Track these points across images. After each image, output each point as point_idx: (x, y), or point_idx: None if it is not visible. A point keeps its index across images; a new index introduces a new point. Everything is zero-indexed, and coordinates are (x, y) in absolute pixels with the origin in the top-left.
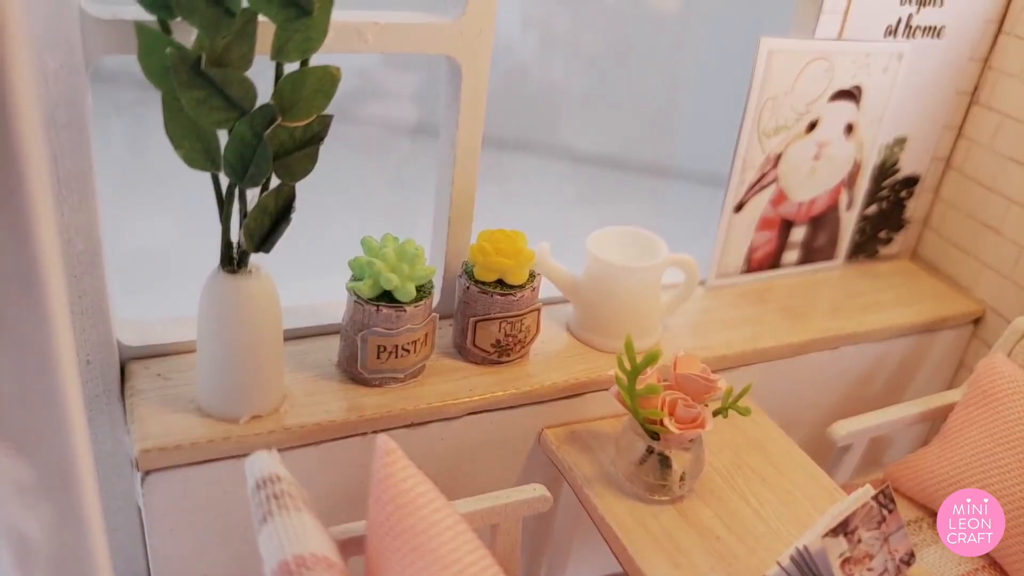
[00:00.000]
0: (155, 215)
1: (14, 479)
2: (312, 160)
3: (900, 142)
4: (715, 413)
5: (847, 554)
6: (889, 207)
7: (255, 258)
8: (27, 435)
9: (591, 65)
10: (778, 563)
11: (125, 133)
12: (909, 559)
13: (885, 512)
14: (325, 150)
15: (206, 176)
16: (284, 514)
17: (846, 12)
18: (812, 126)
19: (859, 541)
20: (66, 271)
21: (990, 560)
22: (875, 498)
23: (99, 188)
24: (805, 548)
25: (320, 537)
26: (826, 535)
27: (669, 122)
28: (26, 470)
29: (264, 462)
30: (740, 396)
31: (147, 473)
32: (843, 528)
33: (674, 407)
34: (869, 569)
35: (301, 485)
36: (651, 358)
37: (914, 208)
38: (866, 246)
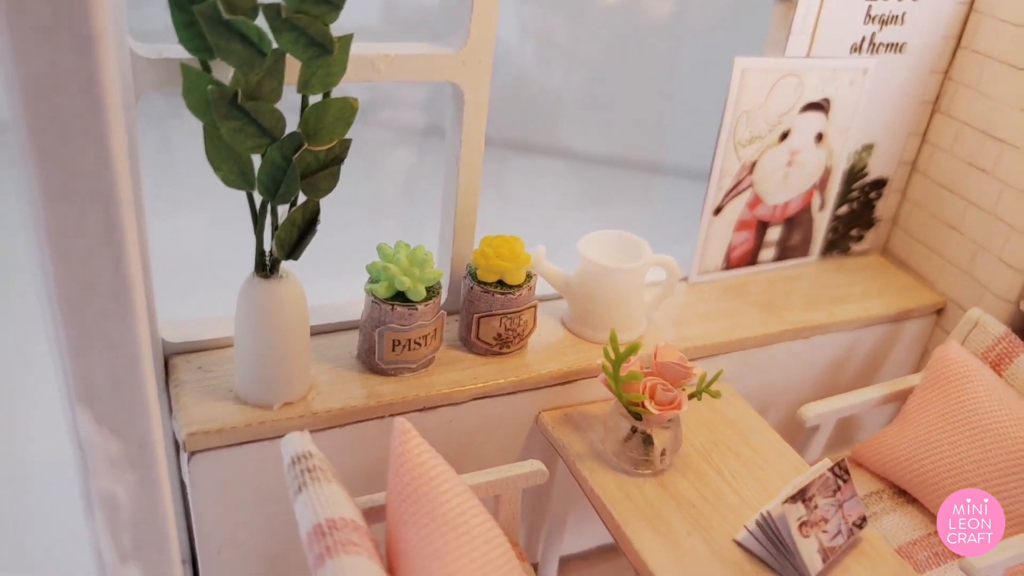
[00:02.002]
0: (183, 221)
1: (106, 453)
2: (335, 178)
3: (868, 148)
4: (691, 396)
5: (804, 518)
6: (859, 207)
7: (285, 265)
8: (117, 417)
9: (588, 71)
10: (745, 527)
11: (158, 140)
12: (861, 523)
13: (840, 482)
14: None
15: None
16: (316, 485)
17: (813, 32)
18: (784, 136)
19: (816, 507)
20: None
21: None
22: (831, 470)
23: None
24: (768, 513)
25: (347, 504)
26: (786, 502)
27: (662, 123)
28: (115, 446)
29: (298, 441)
30: (712, 381)
31: (193, 454)
32: (801, 495)
33: (654, 391)
34: (824, 531)
35: (329, 462)
36: (632, 349)
37: (883, 208)
38: (839, 243)
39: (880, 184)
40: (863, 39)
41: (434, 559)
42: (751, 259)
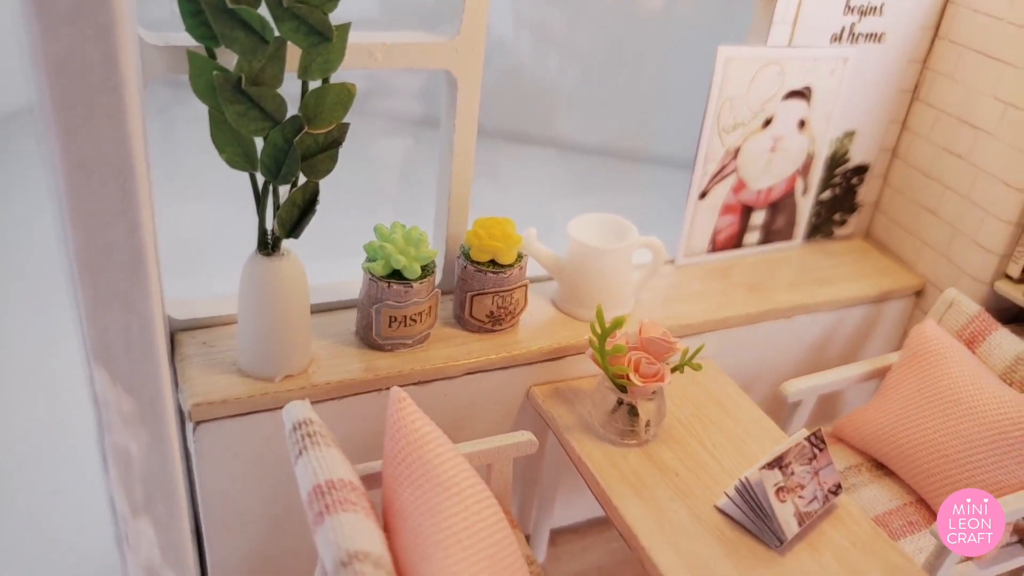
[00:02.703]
0: (186, 204)
1: (121, 410)
2: (333, 160)
3: (849, 135)
4: (673, 370)
5: (781, 483)
6: (842, 192)
7: (286, 243)
8: (131, 377)
9: (583, 62)
10: (725, 493)
11: (162, 128)
12: (836, 489)
13: (816, 451)
14: (344, 145)
15: (233, 173)
16: (315, 449)
17: (795, 22)
18: (767, 122)
19: (792, 473)
20: None
21: (917, 497)
22: (807, 439)
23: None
24: (747, 479)
25: (345, 466)
26: (763, 468)
27: (655, 113)
28: (129, 404)
29: (298, 409)
30: (694, 355)
31: (198, 423)
32: (778, 462)
33: (639, 364)
34: (800, 497)
35: (328, 428)
36: (617, 323)
37: (865, 193)
38: (822, 227)
39: (862, 170)
40: (843, 29)
41: (427, 516)
42: (736, 242)
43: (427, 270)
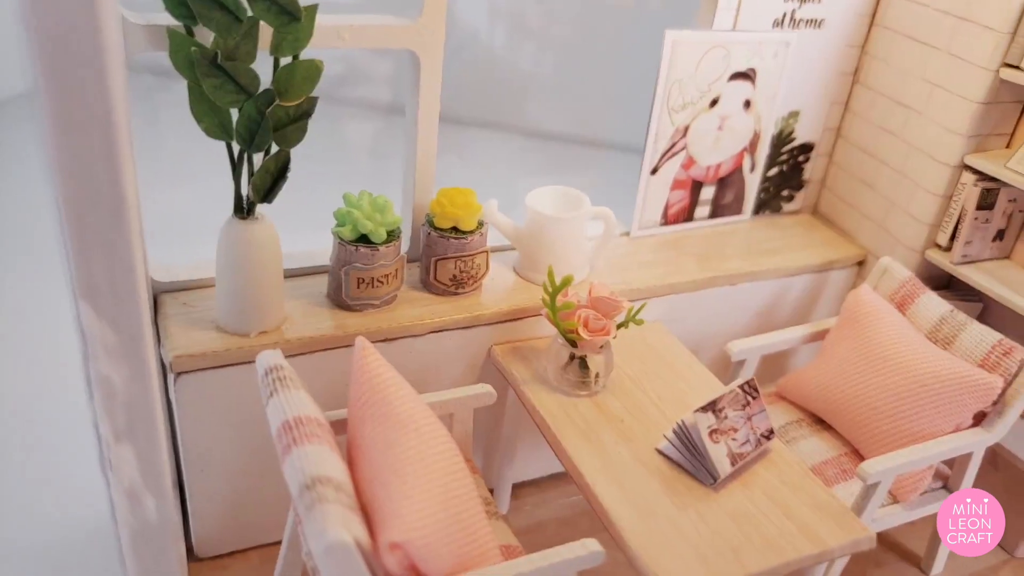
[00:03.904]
0: (170, 188)
1: (105, 343)
2: (303, 131)
3: (794, 115)
4: (619, 326)
5: (715, 426)
6: (789, 170)
7: (260, 208)
8: (115, 313)
9: (556, 53)
10: (664, 436)
11: (146, 113)
12: (769, 434)
13: (749, 398)
14: (319, 128)
15: (213, 153)
16: (285, 391)
17: (738, 7)
18: (714, 102)
19: (725, 418)
20: None
21: (851, 448)
22: (741, 387)
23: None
24: (683, 422)
25: (312, 406)
26: (697, 411)
27: (624, 102)
28: (112, 338)
29: (270, 356)
30: (637, 312)
31: (179, 375)
32: (712, 407)
33: (587, 321)
34: (733, 439)
35: (297, 374)
36: (566, 281)
37: (811, 170)
38: (770, 203)
39: (807, 148)
40: (784, 15)
41: (385, 449)
42: (688, 216)
43: (392, 235)
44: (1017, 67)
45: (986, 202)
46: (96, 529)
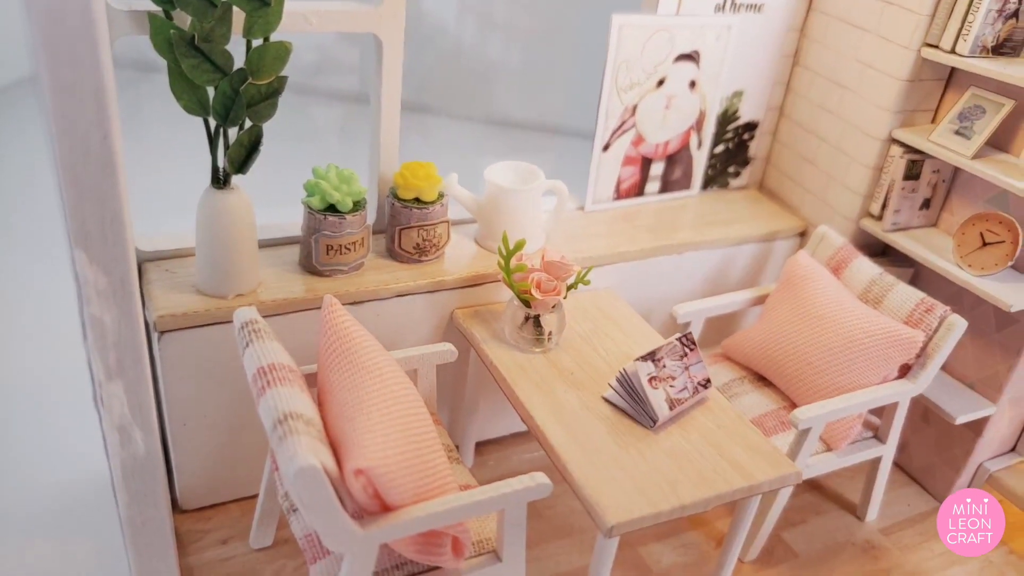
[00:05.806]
0: (150, 167)
1: (97, 287)
2: (273, 108)
3: (738, 95)
4: (569, 288)
5: (654, 373)
6: (734, 147)
7: (236, 179)
8: (105, 259)
9: (522, 44)
10: (609, 384)
11: (129, 104)
12: (706, 383)
13: (687, 350)
14: (292, 113)
15: (192, 140)
16: (260, 342)
17: None
18: (661, 82)
19: (664, 366)
20: None
21: (790, 402)
22: (678, 339)
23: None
24: (625, 369)
25: (285, 355)
26: (638, 360)
27: (588, 90)
28: (103, 281)
29: (246, 312)
30: (584, 275)
31: (162, 333)
32: (651, 356)
33: (540, 283)
34: (672, 386)
35: (271, 328)
36: (518, 246)
37: (757, 148)
38: (717, 179)
39: (752, 127)
40: (725, 1)
41: (351, 391)
42: (639, 191)
43: (358, 205)
44: (936, 46)
45: (912, 173)
46: (95, 489)
